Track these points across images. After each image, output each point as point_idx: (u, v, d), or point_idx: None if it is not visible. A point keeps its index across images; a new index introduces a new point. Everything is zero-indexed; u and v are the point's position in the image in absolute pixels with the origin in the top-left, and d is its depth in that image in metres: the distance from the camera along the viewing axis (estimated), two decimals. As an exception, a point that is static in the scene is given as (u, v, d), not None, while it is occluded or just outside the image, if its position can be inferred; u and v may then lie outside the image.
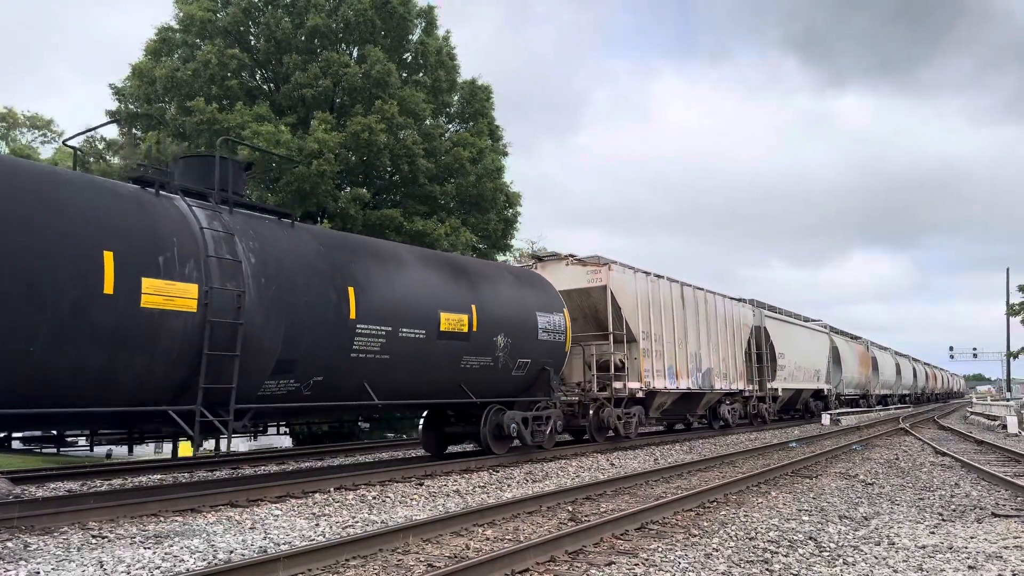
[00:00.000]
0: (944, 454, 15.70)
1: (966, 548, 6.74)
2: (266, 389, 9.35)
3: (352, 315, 10.21)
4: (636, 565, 5.99)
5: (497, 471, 12.14)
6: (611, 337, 16.64)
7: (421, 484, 10.52)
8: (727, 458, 14.53)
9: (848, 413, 32.30)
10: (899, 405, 50.16)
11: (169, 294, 8.19)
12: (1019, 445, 17.93)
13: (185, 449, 11.51)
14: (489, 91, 26.53)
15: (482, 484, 10.70)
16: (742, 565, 6.07)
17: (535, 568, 5.89)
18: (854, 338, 41.99)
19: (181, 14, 23.24)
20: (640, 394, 17.38)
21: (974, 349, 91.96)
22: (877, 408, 40.62)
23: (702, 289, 21.28)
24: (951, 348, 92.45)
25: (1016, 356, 58.89)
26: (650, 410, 18.27)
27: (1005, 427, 24.33)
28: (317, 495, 9.43)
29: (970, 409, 40.54)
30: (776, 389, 25.75)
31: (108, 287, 7.63)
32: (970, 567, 6.06)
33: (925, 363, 73.74)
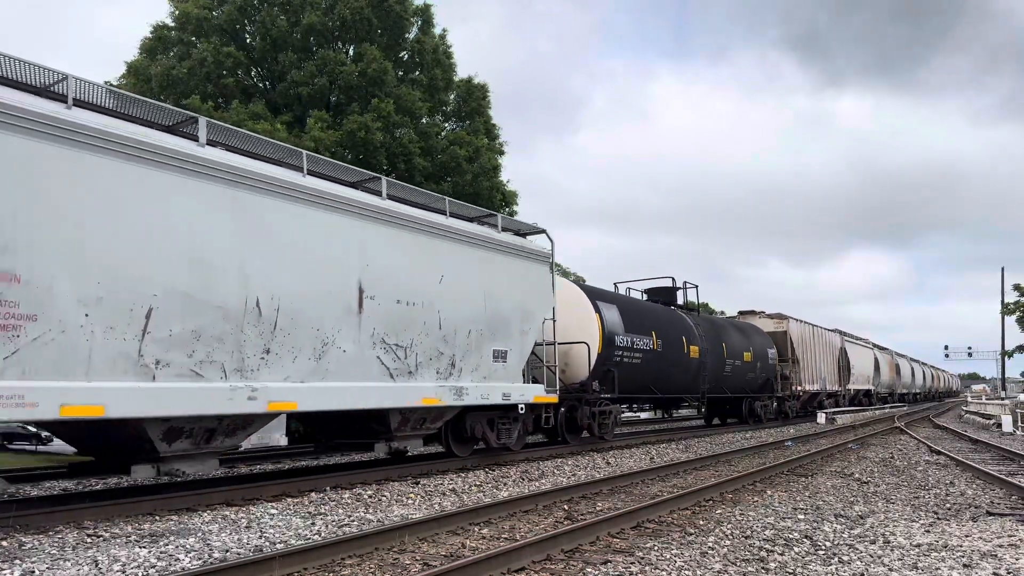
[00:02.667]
0: (939, 453, 15.74)
1: (961, 547, 6.75)
2: (704, 387, 21.34)
3: (724, 355, 22.59)
4: (632, 564, 5.99)
5: (493, 470, 12.15)
6: (790, 360, 28.60)
7: (417, 483, 10.52)
8: (723, 457, 14.55)
9: (843, 412, 32.53)
10: (894, 404, 50.58)
11: (692, 351, 20.23)
12: (1014, 444, 17.98)
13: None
14: (486, 89, 26.50)
15: (478, 483, 10.70)
16: (738, 564, 6.08)
17: (531, 567, 5.89)
18: (883, 349, 52.26)
19: (177, 12, 23.17)
20: (799, 394, 29.64)
21: (969, 348, 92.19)
22: (873, 407, 41.26)
23: (819, 327, 33.53)
24: (946, 347, 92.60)
25: (1011, 355, 59.04)
26: (798, 403, 30.07)
27: (1000, 426, 24.40)
28: (313, 494, 9.43)
29: (965, 408, 40.67)
30: (850, 389, 37.95)
31: (687, 352, 20.05)
32: (965, 566, 6.07)
33: (932, 365, 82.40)
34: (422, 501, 9.12)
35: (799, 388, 29.28)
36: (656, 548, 6.54)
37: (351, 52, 24.05)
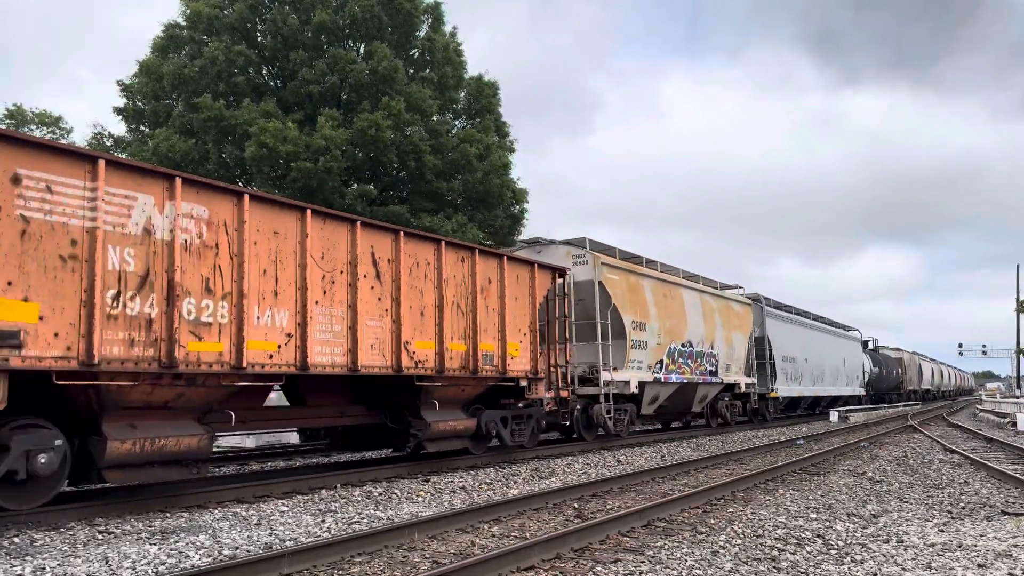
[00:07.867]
0: (953, 451, 15.60)
1: (975, 546, 6.68)
2: (884, 388, 48.97)
3: (890, 371, 50.44)
4: (642, 563, 5.95)
5: (503, 468, 12.14)
6: (903, 372, 53.75)
7: (428, 480, 10.51)
8: (734, 455, 14.48)
9: (857, 410, 32.45)
10: (907, 403, 50.55)
11: (884, 372, 48.38)
12: (1029, 443, 17.78)
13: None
14: (495, 87, 26.48)
15: (488, 481, 10.68)
16: (749, 563, 6.03)
17: (540, 565, 5.86)
18: (932, 360, 71.05)
19: (188, 11, 23.27)
20: (908, 391, 55.04)
21: (983, 346, 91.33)
22: (884, 406, 41.70)
23: (910, 351, 57.87)
24: (960, 345, 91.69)
25: (1026, 353, 58.41)
26: (903, 395, 53.31)
27: (1015, 424, 24.18)
28: (323, 491, 9.44)
29: (979, 406, 40.40)
30: (921, 388, 59.39)
31: (882, 371, 47.62)
32: (979, 565, 6.00)
33: (957, 368, 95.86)
34: (432, 499, 9.12)
35: (906, 388, 53.66)
36: (666, 547, 6.51)
37: (361, 50, 24.08)
